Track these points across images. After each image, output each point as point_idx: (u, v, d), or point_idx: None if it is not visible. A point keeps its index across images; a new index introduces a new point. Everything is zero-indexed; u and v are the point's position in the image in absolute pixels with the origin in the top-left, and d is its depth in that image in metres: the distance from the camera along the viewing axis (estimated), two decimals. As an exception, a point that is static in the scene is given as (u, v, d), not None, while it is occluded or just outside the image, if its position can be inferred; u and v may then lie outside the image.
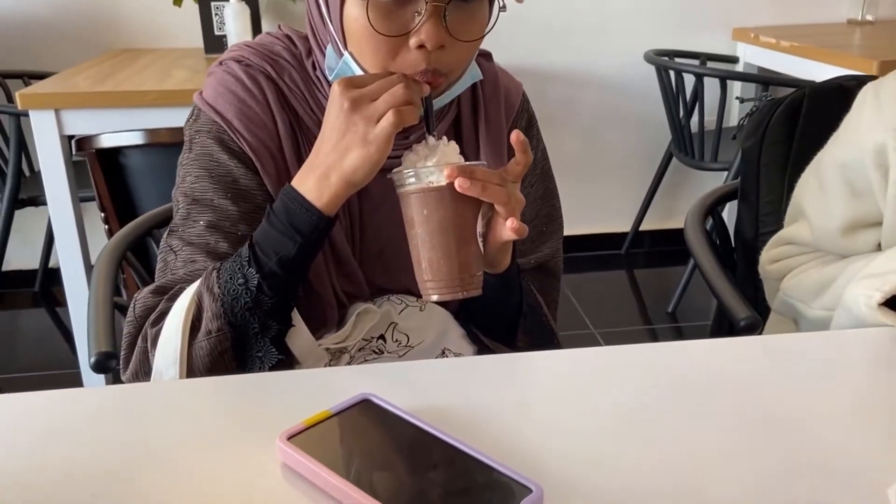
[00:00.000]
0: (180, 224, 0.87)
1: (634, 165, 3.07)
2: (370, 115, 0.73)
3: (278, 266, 0.78)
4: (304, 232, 0.77)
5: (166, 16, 2.58)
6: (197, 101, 0.89)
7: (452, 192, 0.72)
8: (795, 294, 1.02)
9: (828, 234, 1.00)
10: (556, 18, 2.84)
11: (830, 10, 2.99)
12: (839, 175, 0.98)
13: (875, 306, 0.83)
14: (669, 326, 2.63)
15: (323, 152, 0.76)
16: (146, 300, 0.84)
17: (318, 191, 0.76)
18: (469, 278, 0.75)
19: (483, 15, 0.81)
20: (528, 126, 1.01)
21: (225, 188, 0.86)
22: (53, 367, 2.34)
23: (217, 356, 0.79)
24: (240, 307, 0.78)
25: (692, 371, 0.74)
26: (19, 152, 2.31)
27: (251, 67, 0.88)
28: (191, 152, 0.88)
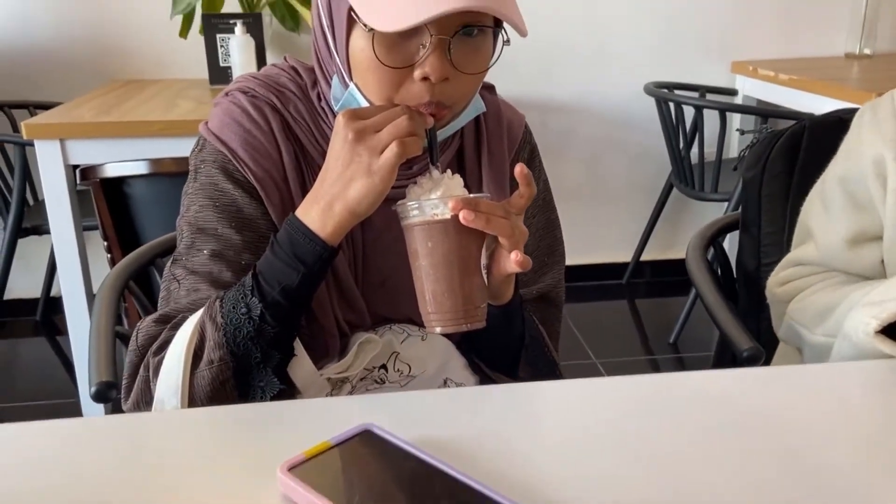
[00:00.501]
0: (184, 253, 0.87)
1: (635, 196, 3.08)
2: (374, 146, 0.74)
3: (281, 296, 0.78)
4: (307, 262, 0.78)
5: (172, 47, 2.61)
6: (202, 131, 0.90)
7: (457, 224, 0.72)
8: (800, 319, 1.02)
9: (833, 249, 1.01)
10: (556, 50, 2.87)
11: (828, 43, 3.02)
12: (841, 189, 1.00)
13: (872, 333, 0.83)
14: (671, 357, 2.62)
15: (327, 183, 0.77)
16: (149, 329, 0.84)
17: (322, 221, 0.77)
18: (473, 310, 0.75)
19: (487, 48, 0.82)
20: (531, 158, 1.02)
21: (229, 217, 0.86)
22: (53, 397, 2.33)
23: (219, 386, 0.79)
24: (242, 336, 0.78)
25: (694, 402, 0.74)
26: (24, 181, 2.32)
27: (257, 98, 0.89)
28: (196, 182, 0.89)
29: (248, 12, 2.50)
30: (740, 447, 0.66)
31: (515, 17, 0.77)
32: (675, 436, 0.68)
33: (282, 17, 2.61)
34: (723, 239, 1.37)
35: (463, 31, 0.77)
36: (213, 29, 2.42)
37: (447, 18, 0.74)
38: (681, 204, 3.05)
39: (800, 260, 1.06)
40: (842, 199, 1.00)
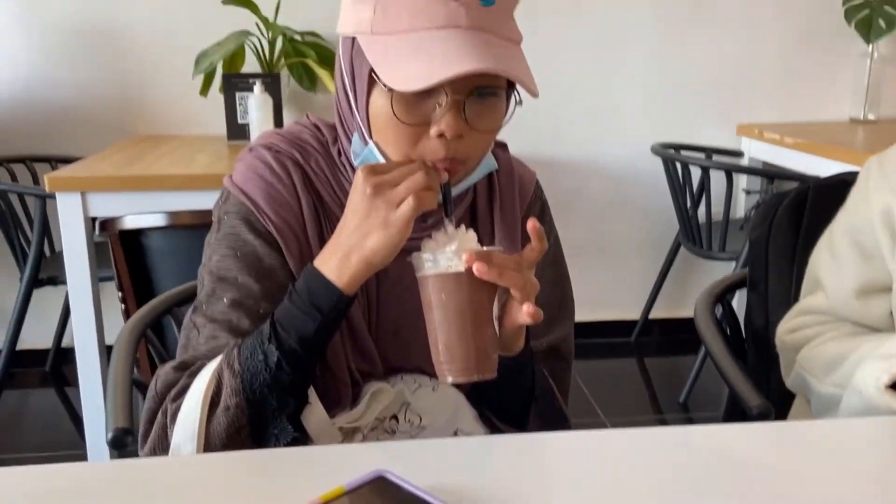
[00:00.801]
0: (204, 301, 0.90)
1: (643, 253, 3.10)
2: (391, 199, 0.77)
3: (298, 343, 0.80)
4: (323, 310, 0.80)
5: (192, 104, 2.68)
6: (227, 184, 0.93)
7: (470, 277, 0.74)
8: (809, 368, 1.02)
9: (842, 299, 1.01)
10: (566, 109, 2.94)
11: (833, 108, 3.08)
12: (849, 239, 1.01)
13: (882, 388, 0.83)
14: (681, 416, 2.60)
15: (345, 234, 0.79)
16: (168, 376, 0.85)
17: (339, 271, 0.79)
18: (485, 361, 0.77)
19: (500, 108, 0.85)
20: (542, 213, 1.04)
21: (249, 267, 0.88)
22: (60, 448, 2.33)
23: (234, 432, 0.80)
24: (259, 383, 0.79)
25: (703, 455, 0.74)
26: (43, 233, 2.36)
27: (280, 153, 0.92)
28: (218, 232, 0.92)
29: (267, 72, 2.57)
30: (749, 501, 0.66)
31: (527, 79, 0.81)
32: (683, 489, 0.68)
33: (299, 78, 2.68)
34: (731, 297, 1.38)
35: (477, 92, 0.81)
36: (232, 88, 2.50)
37: (462, 80, 0.78)
38: (689, 262, 3.06)
39: (809, 309, 1.07)
40: (850, 249, 1.01)
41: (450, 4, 0.78)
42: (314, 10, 2.70)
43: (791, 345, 1.07)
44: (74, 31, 2.68)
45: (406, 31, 0.80)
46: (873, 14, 2.82)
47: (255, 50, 2.59)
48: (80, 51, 2.69)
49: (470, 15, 0.79)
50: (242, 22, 2.56)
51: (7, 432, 2.48)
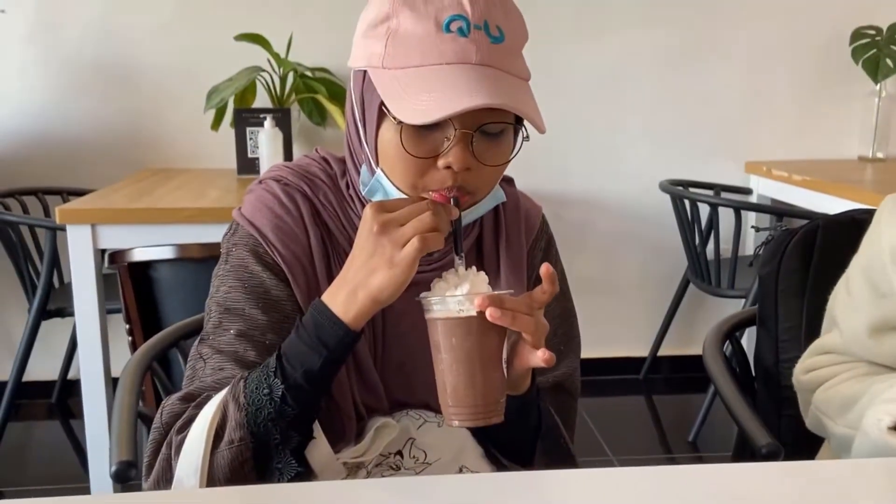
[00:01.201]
0: (211, 332, 0.90)
1: (651, 290, 3.09)
2: (397, 239, 0.77)
3: (304, 378, 0.80)
4: (330, 345, 0.80)
5: (202, 138, 2.71)
6: (236, 216, 0.94)
7: (481, 321, 0.74)
8: (824, 409, 1.01)
9: (856, 337, 1.01)
10: (574, 146, 2.95)
11: (842, 147, 3.08)
12: (863, 278, 1.01)
13: (885, 430, 0.83)
14: (690, 456, 2.56)
15: (352, 270, 0.80)
16: (173, 407, 0.85)
17: (346, 306, 0.79)
18: (493, 405, 0.76)
19: (507, 143, 0.86)
20: (548, 247, 1.04)
21: (256, 298, 0.89)
22: (63, 481, 2.31)
23: (237, 466, 0.79)
24: (263, 417, 0.79)
25: (710, 495, 0.73)
26: (52, 265, 2.37)
27: (289, 186, 0.93)
28: (227, 264, 0.92)
29: (277, 107, 2.61)
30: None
31: (534, 115, 0.82)
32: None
33: (309, 113, 2.71)
34: (741, 334, 1.37)
35: (485, 127, 0.82)
36: (243, 122, 2.53)
37: (471, 115, 0.79)
38: (697, 299, 3.05)
39: (825, 348, 1.06)
40: (864, 287, 1.01)
41: (459, 41, 0.80)
42: (325, 47, 2.74)
43: (807, 385, 1.06)
44: (88, 66, 2.72)
45: (416, 66, 0.81)
46: (880, 54, 2.84)
47: (266, 85, 2.62)
48: (93, 85, 2.73)
49: (479, 52, 0.80)
50: (254, 58, 2.60)
51: (12, 464, 2.46)
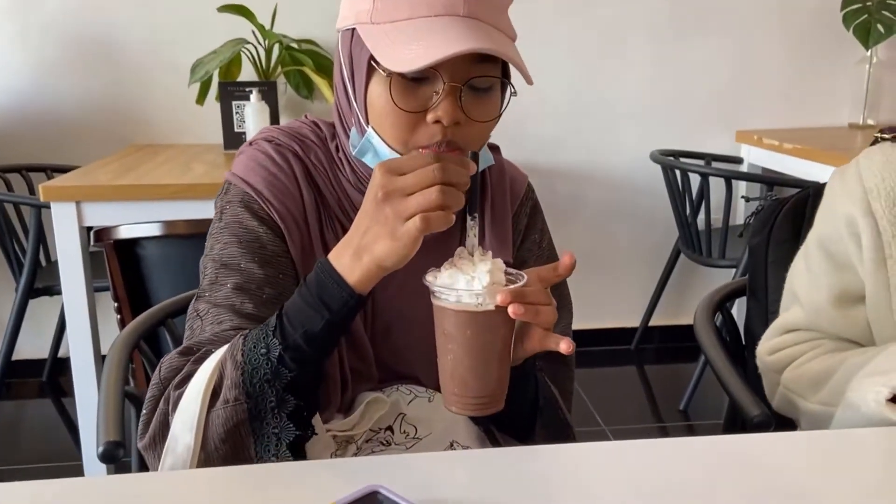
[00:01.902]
0: (207, 289, 0.89)
1: (642, 261, 3.09)
2: (400, 211, 0.73)
3: (303, 339, 0.77)
4: (332, 307, 0.77)
5: (188, 113, 2.67)
6: (228, 176, 0.94)
7: (500, 315, 0.71)
8: (794, 388, 1.02)
9: (820, 310, 1.02)
10: (564, 118, 2.93)
11: (832, 114, 3.08)
12: (820, 250, 1.03)
13: (884, 402, 0.83)
14: (681, 424, 2.58)
15: (358, 233, 0.77)
16: (172, 362, 0.83)
17: (351, 268, 0.76)
18: (499, 395, 0.75)
19: (496, 100, 0.87)
20: (533, 213, 1.05)
21: (252, 253, 0.88)
22: (56, 459, 2.31)
23: (232, 427, 0.77)
24: (259, 378, 0.77)
25: (703, 467, 0.73)
26: (38, 243, 2.35)
27: (281, 146, 0.93)
28: (221, 221, 0.92)
29: (263, 80, 2.57)
30: (751, 514, 0.65)
31: (521, 65, 0.82)
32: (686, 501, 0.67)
33: (296, 85, 2.68)
34: (731, 304, 1.37)
35: (473, 83, 0.82)
36: (229, 96, 2.49)
37: (460, 69, 0.80)
38: (689, 269, 3.05)
39: (788, 326, 1.07)
40: (822, 260, 1.02)
41: None
42: (310, 18, 2.70)
43: (773, 366, 1.06)
44: (71, 41, 2.67)
45: (405, 20, 0.81)
46: (871, 19, 2.81)
47: (252, 58, 2.58)
48: (76, 60, 2.69)
49: (467, 4, 0.81)
50: (238, 30, 2.56)
51: (4, 443, 2.46)
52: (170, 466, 0.79)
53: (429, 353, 0.76)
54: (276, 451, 0.78)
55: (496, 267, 0.73)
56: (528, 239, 1.05)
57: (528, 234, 1.05)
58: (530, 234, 1.05)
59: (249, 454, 0.78)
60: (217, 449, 0.78)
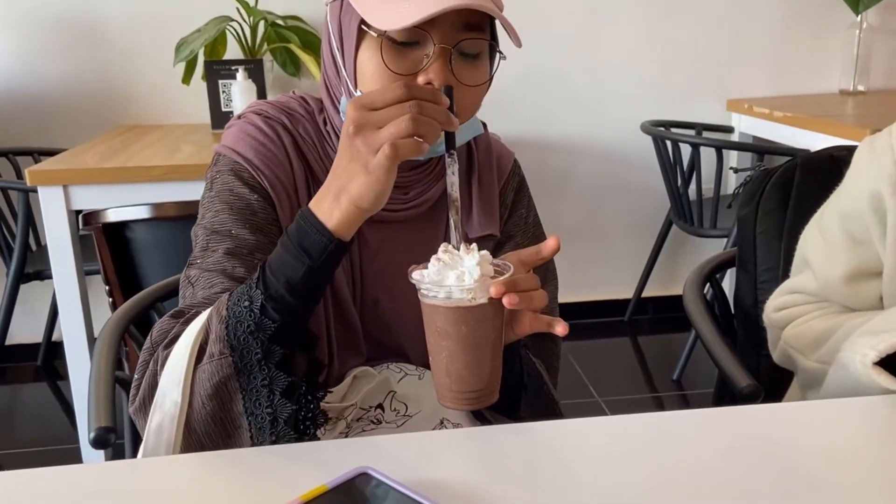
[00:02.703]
0: (199, 256, 0.89)
1: (635, 233, 3.10)
2: (372, 143, 0.71)
3: (286, 289, 0.76)
4: (312, 254, 0.75)
5: (174, 93, 2.65)
6: (217, 148, 0.94)
7: (494, 307, 0.71)
8: (794, 344, 1.02)
9: (832, 284, 1.01)
10: (555, 90, 2.92)
11: (823, 81, 3.06)
12: (840, 225, 1.00)
13: (870, 365, 0.82)
14: (675, 394, 2.61)
15: (335, 174, 0.76)
16: (162, 325, 0.83)
17: (330, 212, 0.75)
18: (495, 386, 0.74)
19: (485, 66, 0.88)
20: (520, 189, 1.06)
21: (244, 219, 0.88)
22: (54, 443, 2.32)
23: (219, 383, 0.76)
24: (242, 330, 0.76)
25: (692, 440, 0.74)
26: (27, 227, 2.34)
27: (270, 119, 0.94)
28: (211, 191, 0.92)
29: (249, 58, 2.54)
30: (740, 486, 0.66)
31: (510, 25, 0.83)
32: (673, 475, 0.68)
33: (283, 63, 2.65)
34: (722, 276, 1.38)
35: (462, 48, 0.83)
36: (215, 75, 2.47)
37: (449, 33, 0.81)
38: (681, 240, 3.06)
39: (797, 288, 1.06)
40: (841, 234, 1.00)
41: None
42: (296, -6, 2.66)
43: (778, 323, 1.06)
44: (53, 21, 2.64)
45: None
46: (861, -16, 2.79)
47: (237, 36, 2.56)
48: (59, 41, 2.65)
49: None
50: (222, 7, 2.53)
51: (1, 427, 2.47)
52: (157, 424, 0.77)
53: (416, 326, 0.76)
54: (271, 403, 0.76)
55: (484, 259, 0.72)
56: (515, 214, 1.05)
57: (515, 210, 1.05)
58: (517, 210, 1.06)
59: (238, 410, 0.77)
60: (204, 405, 0.77)
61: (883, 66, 3.08)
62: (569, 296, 3.40)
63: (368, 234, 0.95)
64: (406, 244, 0.97)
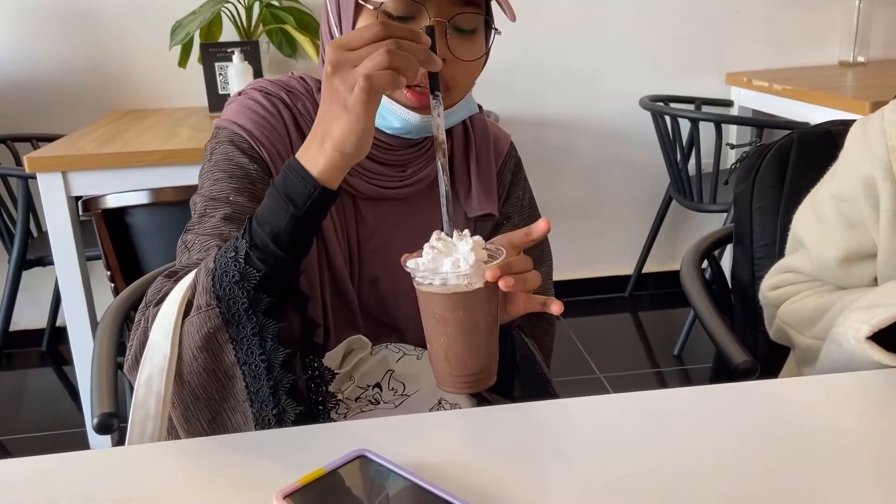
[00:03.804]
0: (196, 222, 0.89)
1: (635, 209, 3.09)
2: (350, 80, 0.70)
3: (270, 237, 0.75)
4: (296, 201, 0.74)
5: (171, 76, 2.64)
6: (217, 122, 0.95)
7: (490, 290, 0.72)
8: (790, 321, 1.03)
9: (826, 265, 1.01)
10: (552, 67, 2.90)
11: (822, 52, 3.04)
12: (834, 207, 1.00)
13: (863, 339, 0.83)
14: (676, 369, 2.62)
15: (318, 120, 0.75)
16: (156, 285, 0.83)
17: (315, 159, 0.74)
18: (493, 368, 0.76)
19: (480, 42, 0.89)
20: (517, 169, 1.07)
21: (242, 188, 0.89)
22: (60, 427, 2.34)
23: (208, 335, 0.76)
24: (228, 280, 0.75)
25: (689, 418, 0.74)
26: (27, 214, 2.34)
27: (270, 94, 0.95)
28: (210, 161, 0.93)
29: (245, 40, 2.53)
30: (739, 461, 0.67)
31: None
32: (673, 453, 0.68)
33: (279, 44, 2.64)
34: (720, 252, 1.38)
35: (457, 20, 0.84)
36: (211, 58, 2.46)
37: (443, 7, 0.83)
38: (681, 215, 3.06)
39: (792, 267, 1.07)
40: (835, 217, 1.00)
41: None
42: (291, -26, 2.64)
43: (773, 301, 1.07)
44: (48, 7, 2.62)
45: None
46: (861, -46, 2.76)
47: (232, 17, 2.54)
48: (54, 26, 2.64)
49: None
50: (218, -11, 2.51)
51: (7, 413, 2.49)
52: (147, 377, 0.77)
53: (414, 305, 0.76)
54: (263, 350, 0.76)
55: (477, 244, 0.73)
56: (513, 195, 1.06)
57: (513, 191, 1.06)
58: (514, 191, 1.06)
59: (230, 361, 0.76)
60: (196, 358, 0.76)
61: (883, 37, 3.05)
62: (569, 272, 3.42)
63: (366, 212, 0.96)
64: (404, 223, 0.98)
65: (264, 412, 0.77)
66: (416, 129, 0.90)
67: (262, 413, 0.77)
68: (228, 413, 0.78)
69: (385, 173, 0.96)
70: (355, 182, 0.95)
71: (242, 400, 0.77)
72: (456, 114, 0.93)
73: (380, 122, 0.90)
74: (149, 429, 0.77)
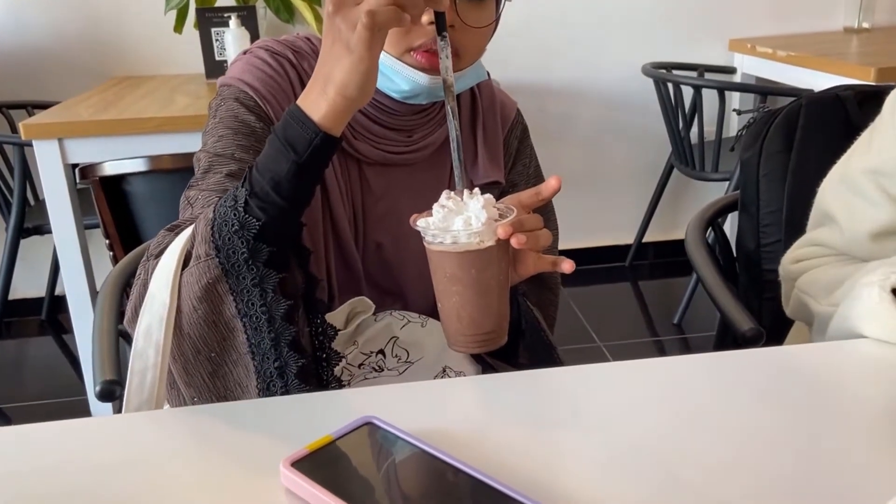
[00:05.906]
0: (200, 178, 0.88)
1: (636, 177, 3.08)
2: (352, 18, 0.67)
3: (270, 185, 0.73)
4: (297, 148, 0.72)
5: (167, 42, 2.60)
6: (222, 80, 0.94)
7: (501, 248, 0.72)
8: (808, 290, 1.00)
9: (858, 239, 0.98)
10: (554, 35, 2.86)
11: (827, 18, 3.00)
12: (871, 181, 0.96)
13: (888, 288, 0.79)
14: (676, 338, 2.62)
15: (320, 62, 0.73)
16: (158, 238, 0.82)
17: (317, 104, 0.72)
18: (505, 327, 0.76)
19: (490, 10, 0.87)
20: (523, 137, 1.07)
21: (248, 144, 0.88)
22: (61, 395, 2.35)
23: (207, 285, 0.74)
24: (227, 230, 0.73)
25: (693, 384, 0.74)
26: (24, 182, 2.33)
27: (276, 53, 0.94)
28: (215, 118, 0.91)
29: (242, 5, 2.49)
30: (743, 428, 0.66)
31: None
32: (676, 419, 0.68)
33: (276, 9, 2.60)
34: (723, 220, 1.37)
35: None
36: (207, 23, 2.42)
37: None
38: (682, 184, 3.04)
39: (819, 241, 1.03)
40: (872, 190, 0.95)
41: None
42: (288, -63, 2.59)
43: (794, 274, 1.03)
44: (40, -30, 2.58)
45: None
46: (869, -83, 2.71)
47: (229, -19, 2.50)
48: (47, -10, 2.60)
49: None
50: (214, -48, 2.46)
51: (8, 382, 2.50)
52: (146, 326, 0.76)
53: (418, 272, 0.76)
54: (264, 301, 0.74)
55: (488, 202, 0.72)
56: (519, 163, 1.06)
57: (519, 158, 1.06)
58: (521, 158, 1.06)
59: (230, 312, 0.75)
60: (196, 309, 0.75)
61: (888, 3, 3.01)
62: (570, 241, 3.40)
63: (372, 178, 0.95)
64: (410, 189, 0.97)
65: (266, 365, 0.76)
66: (425, 91, 0.88)
67: (263, 366, 0.76)
68: (230, 366, 0.77)
69: (392, 138, 0.95)
70: (361, 146, 0.93)
71: (244, 353, 0.76)
72: (465, 79, 0.91)
73: (388, 85, 0.89)
74: (148, 378, 0.76)
